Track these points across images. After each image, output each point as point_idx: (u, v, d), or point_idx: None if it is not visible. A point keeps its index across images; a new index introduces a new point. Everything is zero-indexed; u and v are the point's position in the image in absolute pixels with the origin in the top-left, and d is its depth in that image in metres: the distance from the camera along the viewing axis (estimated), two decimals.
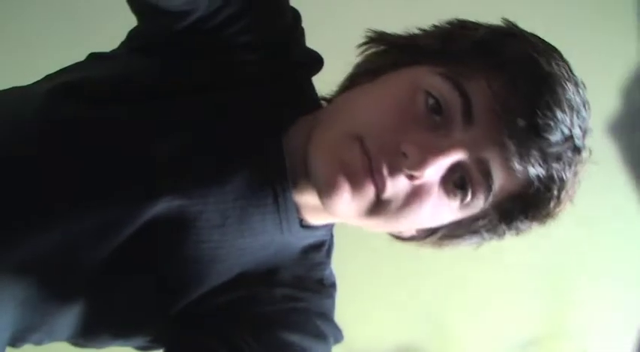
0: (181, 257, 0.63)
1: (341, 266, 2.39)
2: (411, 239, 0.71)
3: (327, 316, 0.73)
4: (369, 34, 0.66)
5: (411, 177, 0.58)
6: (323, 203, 0.60)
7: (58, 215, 0.61)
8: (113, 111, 0.63)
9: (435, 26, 0.64)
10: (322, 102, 0.71)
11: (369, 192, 0.58)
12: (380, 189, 0.58)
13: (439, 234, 0.68)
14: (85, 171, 0.62)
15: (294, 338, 0.66)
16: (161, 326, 0.68)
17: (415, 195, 0.59)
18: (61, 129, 0.62)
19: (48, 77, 0.71)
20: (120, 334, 0.70)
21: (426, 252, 2.22)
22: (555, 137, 0.56)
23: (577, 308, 2.11)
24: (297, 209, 0.67)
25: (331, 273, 0.76)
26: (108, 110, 0.63)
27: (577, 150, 0.60)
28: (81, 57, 0.75)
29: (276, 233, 0.66)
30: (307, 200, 0.66)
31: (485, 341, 2.13)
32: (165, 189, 0.61)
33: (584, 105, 0.59)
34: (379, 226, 0.64)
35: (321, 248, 0.73)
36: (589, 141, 0.62)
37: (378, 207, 0.60)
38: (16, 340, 0.67)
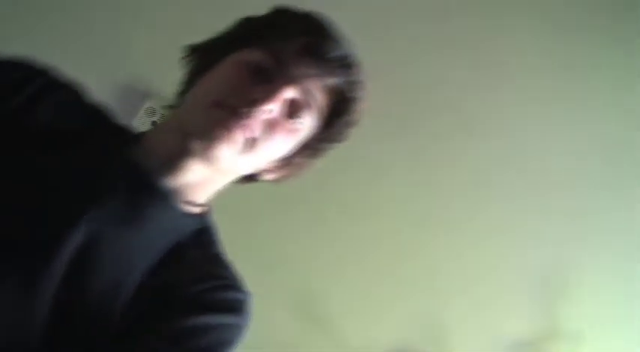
0: (103, 266, 0.76)
1: (337, 268, 2.38)
2: (273, 171, 0.90)
3: (234, 286, 0.85)
4: (187, 49, 0.89)
5: (264, 114, 0.79)
6: (209, 156, 0.78)
7: None
8: None
9: (230, 27, 0.89)
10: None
11: (241, 135, 0.78)
12: (248, 131, 0.78)
13: (294, 160, 0.88)
14: None
15: (206, 319, 0.79)
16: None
17: (271, 128, 0.80)
18: None
19: None
20: None
21: (422, 255, 2.21)
22: (342, 53, 0.83)
23: (573, 310, 2.11)
24: (181, 193, 0.83)
25: (223, 249, 0.89)
26: None
27: (356, 61, 0.85)
28: None
29: (165, 220, 0.82)
30: (189, 177, 0.82)
31: (480, 341, 2.15)
32: (72, 219, 0.75)
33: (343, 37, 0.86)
34: (252, 163, 0.83)
35: (208, 229, 0.88)
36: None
37: (249, 145, 0.79)
38: None
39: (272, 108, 0.78)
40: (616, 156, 2.14)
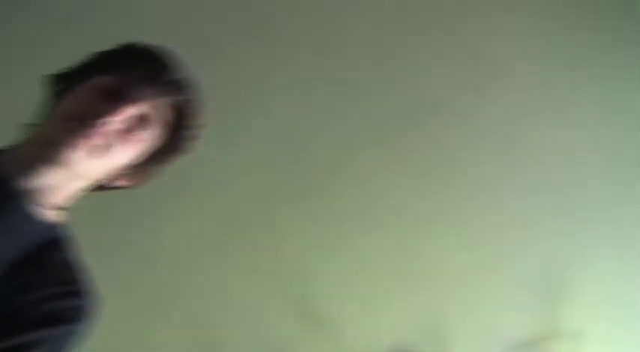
0: None
1: (337, 268, 2.39)
2: (123, 178, 1.03)
3: (76, 292, 0.93)
4: (48, 78, 1.04)
5: (112, 125, 0.93)
6: (62, 160, 0.91)
7: None
8: None
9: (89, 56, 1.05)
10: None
11: (90, 142, 0.92)
12: (96, 139, 0.92)
13: (142, 168, 1.02)
14: None
15: (40, 333, 0.87)
16: None
17: (117, 137, 0.94)
18: None
19: None
20: None
21: (421, 255, 2.21)
22: (178, 77, 0.99)
23: (573, 309, 2.10)
24: (37, 196, 0.94)
25: (77, 253, 0.98)
26: None
27: (192, 83, 1.01)
28: None
29: (17, 218, 0.93)
30: (46, 181, 0.94)
31: (480, 341, 2.13)
32: None
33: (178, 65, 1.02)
34: (101, 168, 0.96)
35: (63, 235, 0.98)
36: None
37: (98, 151, 0.93)
38: None
39: (118, 120, 0.94)
40: (617, 156, 2.11)
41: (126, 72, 0.97)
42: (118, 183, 1.03)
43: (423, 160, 2.17)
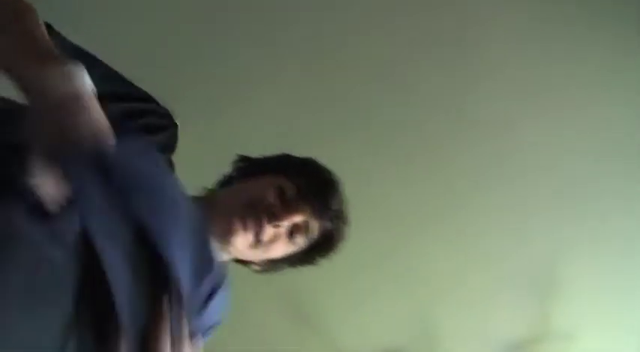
0: None
1: (333, 269, 2.42)
2: (259, 266, 1.20)
3: None
4: (238, 157, 1.24)
5: (276, 226, 1.10)
6: (228, 240, 1.08)
7: None
8: None
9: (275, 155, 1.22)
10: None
11: (253, 232, 1.09)
12: (260, 233, 1.09)
13: (277, 264, 1.19)
14: None
15: None
16: None
17: (274, 239, 1.11)
18: None
19: None
20: None
21: (412, 256, 2.22)
22: (341, 208, 1.17)
23: (564, 310, 2.14)
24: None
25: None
26: None
27: (349, 219, 1.19)
28: None
29: None
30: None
31: (471, 344, 2.16)
32: None
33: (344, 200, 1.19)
34: (255, 256, 1.14)
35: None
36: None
37: (261, 245, 1.10)
38: None
39: (282, 225, 1.10)
40: (608, 155, 2.15)
41: (304, 184, 1.14)
42: (252, 267, 1.20)
43: (415, 161, 2.19)
